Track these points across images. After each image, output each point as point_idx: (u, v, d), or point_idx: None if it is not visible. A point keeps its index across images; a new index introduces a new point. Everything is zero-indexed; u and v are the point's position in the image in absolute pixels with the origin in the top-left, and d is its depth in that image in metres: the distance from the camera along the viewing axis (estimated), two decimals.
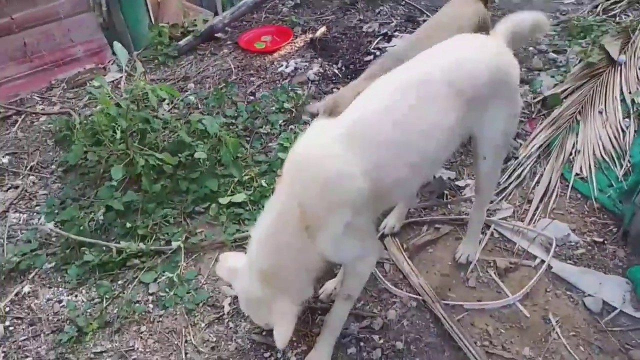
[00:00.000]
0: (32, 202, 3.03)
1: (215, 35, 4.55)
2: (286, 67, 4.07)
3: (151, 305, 2.43)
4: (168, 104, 3.75)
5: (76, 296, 2.49)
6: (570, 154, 3.06)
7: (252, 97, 3.78)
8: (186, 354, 2.22)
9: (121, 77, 4.04)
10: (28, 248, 2.69)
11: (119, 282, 2.53)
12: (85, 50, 4.24)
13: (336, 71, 3.98)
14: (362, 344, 2.20)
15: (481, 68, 1.88)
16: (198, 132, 3.21)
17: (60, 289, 2.53)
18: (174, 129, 3.22)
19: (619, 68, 3.53)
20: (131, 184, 2.96)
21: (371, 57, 4.07)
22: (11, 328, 2.37)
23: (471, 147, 2.20)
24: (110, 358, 2.22)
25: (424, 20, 4.25)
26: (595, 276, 2.40)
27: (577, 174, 2.93)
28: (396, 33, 4.41)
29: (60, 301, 2.47)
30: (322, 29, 4.49)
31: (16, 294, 2.50)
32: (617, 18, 4.25)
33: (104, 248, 2.60)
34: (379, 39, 4.34)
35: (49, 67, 4.10)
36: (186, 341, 2.26)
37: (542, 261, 2.51)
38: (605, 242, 2.58)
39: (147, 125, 3.11)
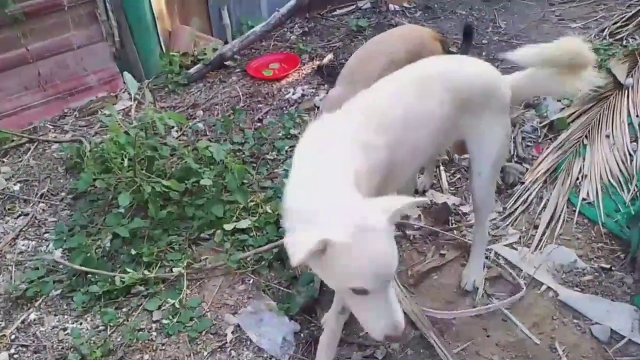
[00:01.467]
0: (41, 229, 3.07)
1: (225, 63, 4.62)
2: (293, 93, 4.12)
3: (155, 333, 2.43)
4: (177, 131, 3.81)
5: (81, 324, 2.50)
6: (577, 178, 3.04)
7: (259, 124, 3.82)
8: None
9: (131, 105, 4.12)
10: (35, 275, 2.71)
11: (124, 309, 2.54)
12: (98, 79, 4.32)
13: None
14: None
15: (473, 73, 2.14)
16: (205, 158, 3.25)
17: (66, 316, 2.54)
18: (181, 155, 3.27)
19: (626, 91, 3.51)
20: (139, 211, 2.99)
21: None
22: (16, 356, 2.38)
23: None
24: None
25: None
26: (602, 304, 2.36)
27: (584, 199, 2.90)
28: None
29: (65, 329, 2.48)
30: (329, 56, 4.54)
31: (22, 321, 2.52)
32: (624, 42, 4.23)
33: (109, 279, 2.62)
34: None
35: (62, 96, 4.17)
36: None
37: (549, 288, 2.48)
38: (613, 268, 2.54)
39: (155, 152, 3.16)
